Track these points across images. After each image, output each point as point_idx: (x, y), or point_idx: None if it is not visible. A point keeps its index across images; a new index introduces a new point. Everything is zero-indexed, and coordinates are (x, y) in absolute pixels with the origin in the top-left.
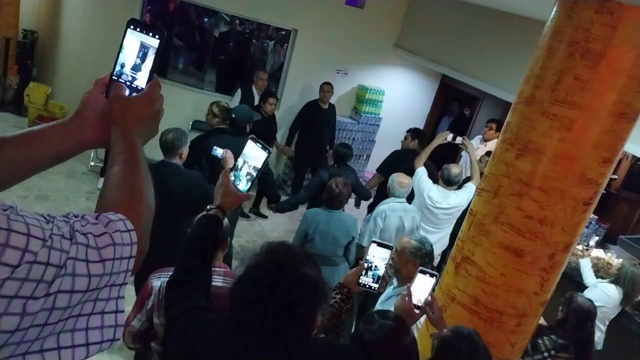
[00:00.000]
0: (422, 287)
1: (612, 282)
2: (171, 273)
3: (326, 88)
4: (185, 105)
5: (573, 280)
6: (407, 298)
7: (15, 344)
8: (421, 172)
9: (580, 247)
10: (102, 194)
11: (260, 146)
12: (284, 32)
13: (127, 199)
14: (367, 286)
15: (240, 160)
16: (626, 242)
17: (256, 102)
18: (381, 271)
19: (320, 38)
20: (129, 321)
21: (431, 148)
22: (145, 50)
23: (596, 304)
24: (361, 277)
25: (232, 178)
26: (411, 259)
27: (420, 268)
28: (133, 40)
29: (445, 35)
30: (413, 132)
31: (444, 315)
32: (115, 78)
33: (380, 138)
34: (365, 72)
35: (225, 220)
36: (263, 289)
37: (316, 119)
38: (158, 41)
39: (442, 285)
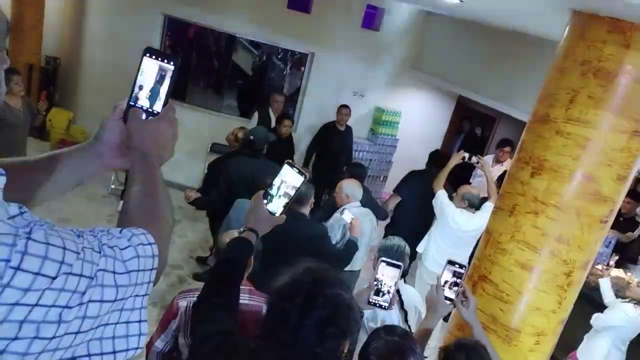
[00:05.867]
0: (450, 279)
1: (636, 303)
2: (197, 293)
3: (344, 111)
4: (205, 128)
5: (594, 302)
6: (437, 290)
7: (51, 351)
8: (442, 195)
9: (599, 266)
10: (123, 211)
11: (297, 171)
12: (299, 55)
13: (147, 215)
14: (378, 304)
15: (275, 183)
16: None
17: (273, 124)
18: (391, 289)
19: (336, 61)
20: (153, 341)
21: (448, 169)
22: (161, 76)
23: (615, 324)
24: (371, 295)
25: (265, 201)
26: (375, 254)
27: (449, 259)
28: (149, 67)
29: (460, 56)
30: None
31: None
32: (132, 104)
33: (397, 159)
34: (381, 94)
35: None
36: (298, 305)
37: (333, 140)
38: (173, 67)
39: None
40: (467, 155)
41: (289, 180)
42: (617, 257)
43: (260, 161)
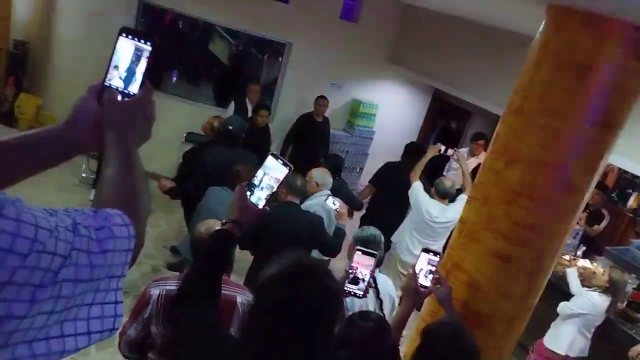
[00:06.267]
0: (425, 266)
1: (601, 292)
2: (170, 282)
3: (322, 102)
4: (180, 117)
5: (559, 290)
6: (412, 277)
7: (23, 331)
8: (418, 186)
9: (567, 256)
10: (98, 192)
11: (282, 163)
12: (276, 45)
13: (123, 196)
14: (353, 293)
15: (259, 175)
16: (612, 253)
17: (250, 114)
18: (366, 278)
19: (314, 51)
20: (125, 330)
21: (424, 161)
22: (137, 57)
23: (581, 311)
24: (346, 284)
25: (249, 193)
26: (351, 243)
27: (424, 248)
28: (125, 47)
29: (437, 50)
30: None
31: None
32: (108, 84)
33: (373, 151)
34: (359, 86)
35: None
36: (290, 295)
37: (310, 131)
38: (150, 48)
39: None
40: (443, 147)
41: (272, 172)
42: (584, 248)
43: (236, 151)
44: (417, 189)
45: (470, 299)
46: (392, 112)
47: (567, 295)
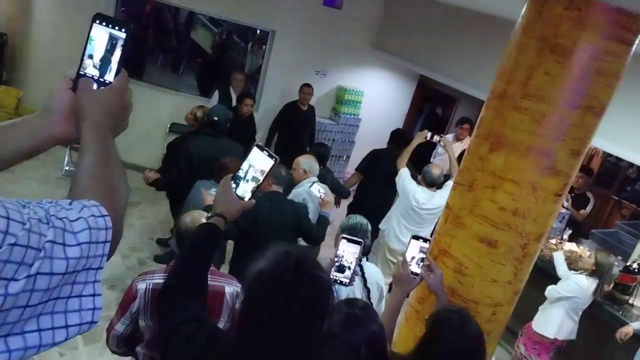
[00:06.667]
0: (415, 253)
1: (588, 275)
2: (157, 275)
3: (307, 90)
4: (163, 108)
5: (547, 274)
6: (403, 265)
7: None
8: (405, 173)
9: (553, 240)
10: (74, 183)
11: (267, 154)
12: (260, 33)
13: (100, 187)
14: (339, 281)
15: (244, 167)
16: (598, 236)
17: (234, 103)
18: (352, 266)
19: (298, 39)
20: (113, 325)
21: (412, 148)
22: (112, 44)
23: (568, 294)
24: (332, 272)
25: (234, 185)
26: (338, 232)
27: (414, 235)
28: (99, 34)
29: (422, 35)
30: None
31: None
32: (83, 73)
33: (359, 139)
34: (344, 73)
35: None
36: (284, 288)
37: (295, 120)
38: (125, 34)
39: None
40: (429, 134)
41: (258, 163)
42: (570, 232)
43: (221, 140)
44: (404, 176)
45: (457, 284)
46: (378, 99)
47: (555, 279)
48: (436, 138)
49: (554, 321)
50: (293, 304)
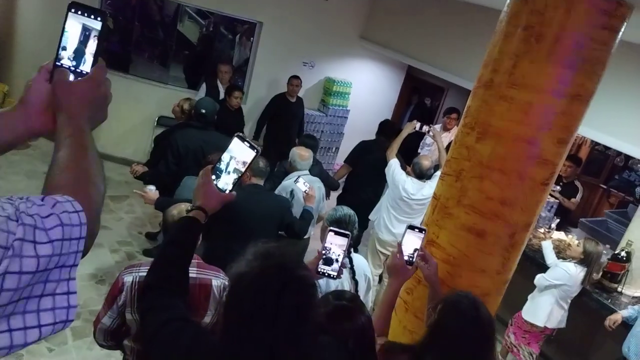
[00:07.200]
0: (410, 243)
1: (577, 263)
2: (144, 268)
3: (295, 82)
4: (150, 101)
5: (536, 263)
6: (398, 255)
7: None
8: (394, 163)
9: (542, 229)
10: (49, 177)
11: (248, 145)
12: (248, 25)
13: (75, 181)
14: (327, 274)
15: (224, 158)
16: (586, 225)
17: (221, 95)
18: (340, 258)
19: (285, 30)
20: (100, 318)
21: (401, 138)
22: (88, 34)
23: (557, 282)
24: (320, 265)
25: (214, 177)
26: (325, 224)
27: (409, 225)
28: (75, 24)
29: (409, 26)
30: None
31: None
32: (59, 64)
33: (348, 130)
34: (332, 65)
35: None
36: (270, 294)
37: (284, 112)
38: (100, 23)
39: None
40: (418, 124)
41: (239, 155)
42: (557, 220)
43: (209, 133)
44: (393, 167)
45: (445, 274)
46: (366, 90)
47: (544, 268)
48: (425, 128)
49: (544, 309)
50: (280, 312)
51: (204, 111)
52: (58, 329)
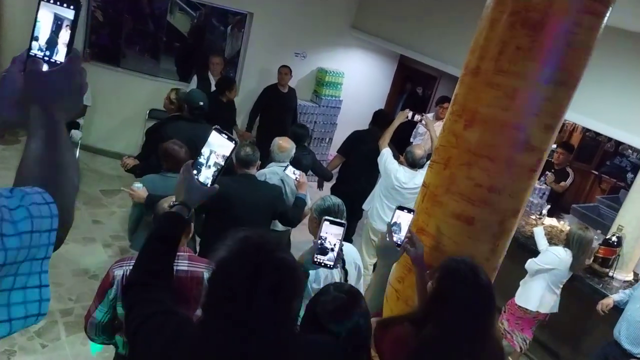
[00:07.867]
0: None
1: (565, 247)
2: (134, 262)
3: (284, 70)
4: (141, 94)
5: (529, 249)
6: (387, 236)
7: None
8: (386, 153)
9: (533, 216)
10: (20, 169)
11: (226, 137)
12: (240, 16)
13: (46, 173)
14: (323, 264)
15: (204, 152)
16: (578, 211)
17: (213, 87)
18: (335, 248)
19: (276, 21)
20: (91, 312)
21: (393, 128)
22: (60, 23)
23: (548, 266)
24: (315, 255)
25: (195, 172)
26: (315, 216)
27: (399, 205)
28: (47, 13)
29: (400, 15)
30: None
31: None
32: (32, 54)
33: (341, 120)
34: (324, 55)
35: None
36: (246, 276)
37: (276, 103)
38: (73, 12)
39: (400, 258)
40: (411, 113)
41: (218, 148)
42: (548, 206)
43: (200, 126)
44: (385, 156)
45: (435, 262)
46: (359, 80)
47: (536, 255)
48: (418, 117)
49: (536, 294)
50: (258, 292)
51: (202, 103)
52: (31, 323)
